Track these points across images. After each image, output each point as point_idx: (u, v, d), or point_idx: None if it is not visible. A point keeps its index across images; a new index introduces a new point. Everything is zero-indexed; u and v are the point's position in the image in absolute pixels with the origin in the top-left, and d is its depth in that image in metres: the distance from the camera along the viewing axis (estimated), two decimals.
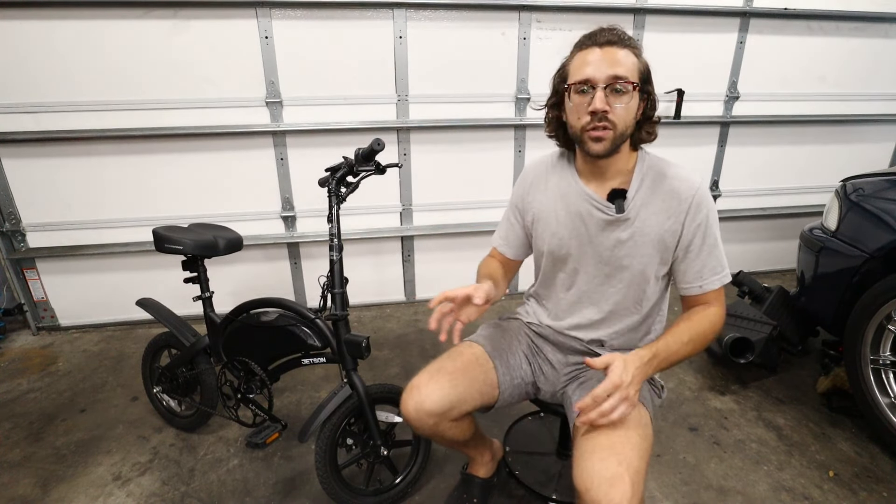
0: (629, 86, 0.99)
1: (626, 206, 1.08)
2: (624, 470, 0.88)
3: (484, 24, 2.54)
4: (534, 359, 1.28)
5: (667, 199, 1.07)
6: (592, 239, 1.14)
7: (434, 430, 1.15)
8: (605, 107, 0.99)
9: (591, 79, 0.99)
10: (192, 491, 1.57)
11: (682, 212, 1.06)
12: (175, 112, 2.41)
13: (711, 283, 1.09)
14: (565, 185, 1.17)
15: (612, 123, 1.01)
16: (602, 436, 0.95)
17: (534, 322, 1.32)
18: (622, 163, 1.10)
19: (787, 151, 3.12)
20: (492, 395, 1.19)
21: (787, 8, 2.75)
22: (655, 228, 1.08)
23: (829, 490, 1.54)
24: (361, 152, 1.37)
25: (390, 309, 2.91)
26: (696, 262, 1.09)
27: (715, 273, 1.09)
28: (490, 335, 1.29)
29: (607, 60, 0.99)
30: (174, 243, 1.58)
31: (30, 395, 2.09)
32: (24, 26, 2.20)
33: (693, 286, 1.11)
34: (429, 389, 1.11)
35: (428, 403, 1.10)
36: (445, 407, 1.11)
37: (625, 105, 1.00)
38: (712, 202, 1.08)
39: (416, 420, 1.12)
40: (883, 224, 1.72)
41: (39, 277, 2.58)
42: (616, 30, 1.03)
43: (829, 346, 2.14)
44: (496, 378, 1.20)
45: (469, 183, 2.81)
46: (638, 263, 1.11)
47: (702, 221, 1.06)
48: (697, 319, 1.08)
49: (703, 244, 1.07)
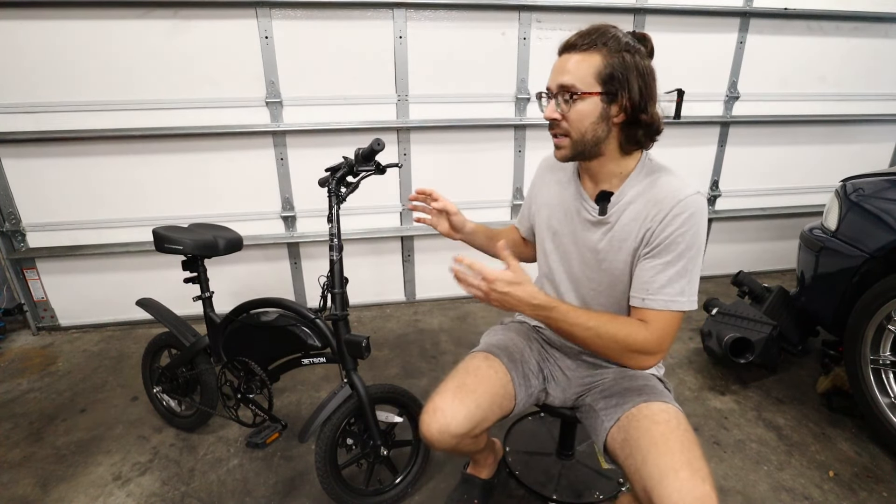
0: (569, 94, 0.99)
1: (608, 209, 1.07)
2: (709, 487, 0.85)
3: (484, 24, 2.54)
4: (545, 364, 1.27)
5: (648, 205, 1.02)
6: (578, 238, 1.15)
7: (453, 448, 1.12)
8: (553, 115, 1.01)
9: (548, 87, 1.03)
10: (192, 491, 1.57)
11: (658, 219, 1.00)
12: (175, 112, 2.41)
13: (655, 302, 1.00)
14: (566, 182, 1.19)
15: (564, 130, 1.02)
16: (676, 452, 0.89)
17: (540, 326, 1.31)
18: (613, 166, 1.07)
19: (787, 151, 3.12)
20: (508, 406, 1.17)
21: (787, 8, 2.75)
22: (633, 234, 1.05)
23: (829, 490, 1.54)
24: (361, 152, 1.37)
25: (390, 309, 2.91)
26: (648, 272, 1.01)
27: (664, 293, 0.99)
28: (505, 346, 1.25)
29: (558, 69, 1.01)
30: (174, 243, 1.58)
31: (30, 395, 2.09)
32: (24, 26, 2.20)
33: (636, 296, 1.03)
34: (454, 411, 1.06)
35: (454, 426, 1.05)
36: (470, 427, 1.07)
37: (574, 112, 0.99)
38: (697, 220, 0.98)
39: (440, 443, 1.08)
40: (883, 224, 1.72)
41: (39, 277, 2.58)
42: (591, 30, 0.99)
43: (829, 346, 2.14)
44: (514, 390, 1.17)
45: (469, 183, 2.81)
46: (615, 267, 1.09)
47: (673, 234, 0.98)
48: (620, 321, 1.02)
49: (660, 255, 1.00)
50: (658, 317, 1.01)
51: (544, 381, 1.25)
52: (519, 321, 1.38)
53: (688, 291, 1.01)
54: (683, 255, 0.99)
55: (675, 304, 1.00)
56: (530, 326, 1.34)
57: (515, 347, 1.25)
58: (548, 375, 1.26)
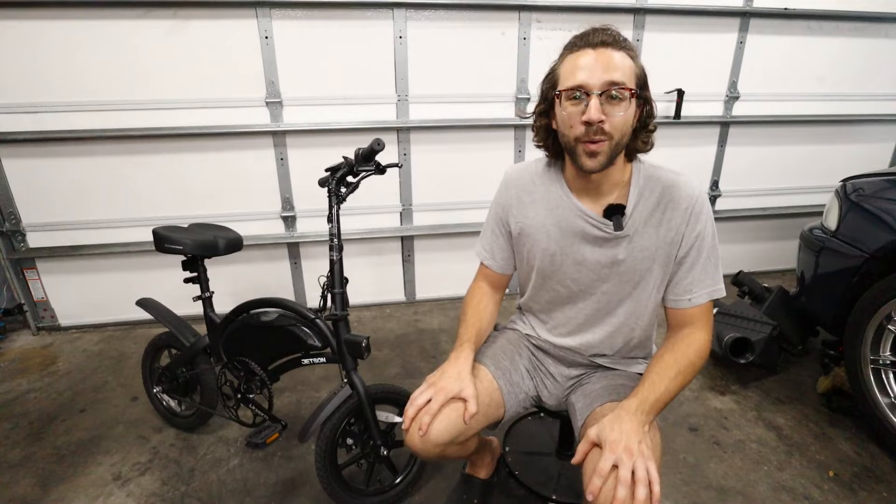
0: (626, 92, 0.91)
1: (624, 223, 1.02)
2: None
3: (484, 24, 2.54)
4: (535, 373, 1.24)
5: (665, 210, 1.01)
6: (587, 256, 1.08)
7: (439, 456, 1.09)
8: (600, 116, 0.90)
9: (585, 85, 0.91)
10: (192, 491, 1.57)
11: (683, 222, 1.00)
12: (175, 112, 2.41)
13: (700, 297, 1.03)
14: (555, 199, 1.09)
15: (608, 135, 0.92)
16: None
17: (532, 335, 1.28)
18: (617, 175, 1.03)
19: (787, 151, 3.12)
20: (497, 414, 1.14)
21: (787, 8, 2.76)
22: (655, 242, 1.02)
23: (829, 490, 1.54)
24: (361, 152, 1.37)
25: (390, 309, 2.91)
26: (690, 275, 1.03)
27: (705, 286, 1.03)
28: (493, 354, 1.21)
29: (602, 64, 0.90)
30: (174, 243, 1.58)
31: (30, 395, 2.09)
32: (24, 26, 2.20)
33: (682, 299, 1.04)
34: (436, 420, 1.02)
35: (434, 435, 1.02)
36: (452, 437, 1.04)
37: (622, 114, 0.92)
38: (710, 210, 1.03)
39: (422, 451, 1.05)
40: (883, 224, 1.72)
41: (39, 277, 2.58)
42: (610, 30, 0.94)
43: (829, 346, 2.14)
44: (501, 398, 1.15)
45: (469, 183, 2.81)
46: (637, 274, 1.06)
47: (700, 231, 1.01)
48: (682, 350, 1.00)
49: (699, 255, 1.02)
50: (704, 312, 1.05)
51: (536, 389, 1.23)
52: (511, 328, 1.34)
53: (717, 274, 1.04)
54: (708, 244, 1.02)
55: (717, 292, 1.05)
56: (521, 334, 1.30)
57: (504, 354, 1.22)
58: (539, 383, 1.24)
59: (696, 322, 1.04)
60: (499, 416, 1.16)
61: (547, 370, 1.25)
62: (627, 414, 0.91)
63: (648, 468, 0.82)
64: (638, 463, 0.83)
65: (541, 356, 1.27)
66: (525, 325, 1.31)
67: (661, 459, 0.97)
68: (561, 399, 1.24)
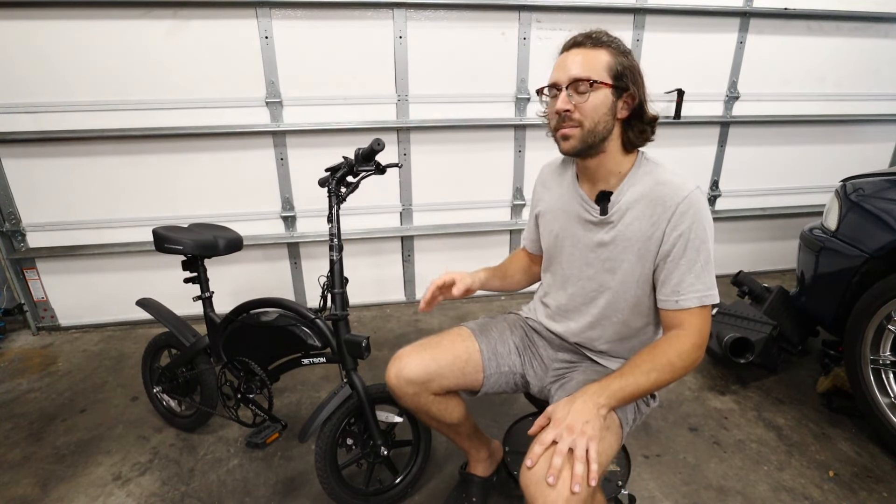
0: (587, 85, 1.00)
1: (609, 209, 1.08)
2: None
3: (484, 24, 2.54)
4: (525, 351, 1.29)
5: (651, 205, 1.04)
6: (580, 239, 1.15)
7: (416, 401, 1.20)
8: (566, 106, 1.01)
9: (557, 82, 1.04)
10: (192, 491, 1.57)
11: (665, 219, 1.02)
12: (175, 112, 2.41)
13: (688, 300, 1.02)
14: (566, 185, 1.20)
15: (577, 121, 1.02)
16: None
17: (531, 317, 1.35)
18: (612, 165, 1.08)
19: (788, 151, 3.12)
20: (476, 377, 1.22)
21: (787, 8, 2.76)
22: (638, 234, 1.05)
23: (829, 490, 1.54)
24: (361, 152, 1.37)
25: (390, 309, 2.91)
26: (674, 275, 1.03)
27: (695, 290, 1.02)
28: (482, 322, 1.33)
29: (569, 63, 1.02)
30: (174, 243, 1.58)
31: (30, 395, 2.09)
32: (24, 26, 2.20)
33: (669, 300, 1.05)
34: (409, 359, 1.18)
35: (407, 370, 1.17)
36: (425, 377, 1.17)
37: (589, 101, 1.00)
38: (704, 214, 1.02)
39: (397, 388, 1.19)
40: (883, 224, 1.72)
41: (39, 277, 2.58)
42: (593, 32, 1.03)
43: (829, 346, 2.14)
44: (481, 361, 1.22)
45: (469, 183, 2.81)
46: (619, 268, 1.10)
47: (683, 232, 1.01)
48: (662, 348, 1.02)
49: (682, 256, 1.02)
50: (693, 316, 1.04)
51: (522, 367, 1.27)
52: (511, 312, 1.40)
53: (708, 279, 1.03)
54: (694, 247, 1.02)
55: (708, 298, 1.03)
56: (521, 317, 1.37)
57: (494, 328, 1.30)
58: (526, 362, 1.28)
59: (685, 325, 1.04)
60: (477, 381, 1.22)
61: (536, 351, 1.30)
62: (583, 395, 0.96)
63: (589, 447, 0.87)
64: (578, 441, 0.88)
65: (534, 336, 1.32)
66: (529, 309, 1.38)
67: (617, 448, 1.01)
68: (545, 387, 1.27)
